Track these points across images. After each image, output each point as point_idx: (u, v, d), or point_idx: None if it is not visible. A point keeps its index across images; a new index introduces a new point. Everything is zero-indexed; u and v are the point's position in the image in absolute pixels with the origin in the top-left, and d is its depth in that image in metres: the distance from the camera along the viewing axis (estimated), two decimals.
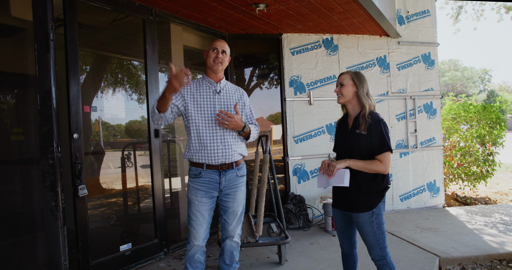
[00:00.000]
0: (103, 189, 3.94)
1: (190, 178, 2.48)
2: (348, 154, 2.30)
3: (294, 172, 5.05)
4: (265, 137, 3.79)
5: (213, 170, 2.44)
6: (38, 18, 2.29)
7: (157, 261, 3.61)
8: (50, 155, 2.32)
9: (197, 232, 2.44)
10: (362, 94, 2.29)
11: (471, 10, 39.59)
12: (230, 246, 2.60)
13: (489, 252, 3.65)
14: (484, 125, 6.23)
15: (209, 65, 2.49)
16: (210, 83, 2.52)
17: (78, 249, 2.95)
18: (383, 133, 2.18)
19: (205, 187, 2.44)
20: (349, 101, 2.35)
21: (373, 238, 2.25)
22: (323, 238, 4.19)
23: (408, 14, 5.48)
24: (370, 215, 2.23)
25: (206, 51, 2.53)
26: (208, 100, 2.46)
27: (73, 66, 2.93)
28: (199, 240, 2.46)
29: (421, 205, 5.48)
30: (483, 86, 41.07)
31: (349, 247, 2.50)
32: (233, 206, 2.54)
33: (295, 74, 5.06)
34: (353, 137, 2.28)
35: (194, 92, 2.45)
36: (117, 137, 4.15)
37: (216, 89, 2.51)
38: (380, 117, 2.25)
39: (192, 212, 2.44)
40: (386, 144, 2.17)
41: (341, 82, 2.35)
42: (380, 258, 2.29)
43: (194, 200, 2.43)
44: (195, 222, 2.44)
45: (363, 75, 2.38)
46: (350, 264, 2.54)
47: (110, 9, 3.37)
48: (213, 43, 2.50)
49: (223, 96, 2.52)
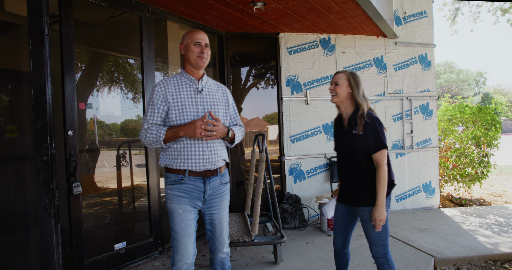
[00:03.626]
0: (98, 188, 3.91)
1: (169, 186, 2.16)
2: (351, 155, 2.31)
3: (290, 172, 5.04)
4: (261, 136, 3.77)
5: (197, 177, 2.17)
6: (33, 12, 2.26)
7: (152, 260, 3.58)
8: (44, 152, 2.29)
9: (185, 247, 2.12)
10: (358, 95, 2.29)
11: (468, 12, 39.89)
12: (221, 257, 2.33)
13: (484, 253, 3.66)
14: (479, 127, 6.26)
15: (191, 61, 2.20)
16: (190, 81, 2.23)
17: (72, 248, 2.92)
18: (378, 131, 2.21)
19: (188, 195, 2.15)
20: (342, 101, 2.35)
21: (376, 234, 2.26)
22: (319, 238, 4.18)
23: (405, 15, 5.49)
24: None
25: (183, 44, 2.23)
26: (190, 100, 2.17)
27: (69, 63, 2.90)
28: (188, 257, 2.14)
29: (416, 206, 5.49)
30: (478, 88, 41.34)
31: (342, 245, 2.51)
32: (219, 218, 2.28)
33: (292, 73, 5.05)
34: (351, 139, 2.29)
35: (173, 92, 2.16)
36: (112, 136, 4.12)
37: (198, 88, 2.23)
38: (374, 115, 2.27)
39: (176, 224, 2.12)
40: (381, 142, 2.20)
41: (336, 81, 2.35)
42: (381, 256, 2.29)
43: (177, 209, 2.12)
44: (181, 235, 2.11)
45: (359, 76, 2.38)
46: (343, 262, 2.56)
47: (106, 5, 3.34)
48: (193, 36, 2.21)
49: (205, 95, 2.23)
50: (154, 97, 2.15)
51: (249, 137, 5.45)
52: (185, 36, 2.25)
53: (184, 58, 2.25)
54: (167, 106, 2.14)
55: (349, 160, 2.34)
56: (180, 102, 2.15)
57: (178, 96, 2.16)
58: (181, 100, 2.16)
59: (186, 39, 2.23)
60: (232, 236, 3.29)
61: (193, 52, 2.20)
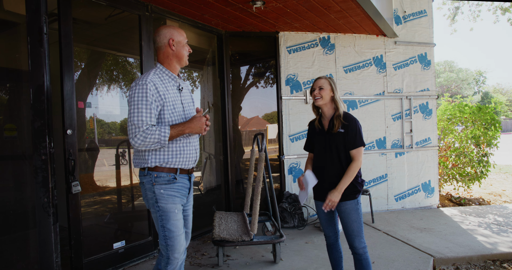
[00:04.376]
0: (97, 187, 3.91)
1: (161, 185, 2.10)
2: (330, 153, 2.49)
3: (290, 171, 5.04)
4: (261, 135, 3.77)
5: (184, 175, 2.18)
6: (31, 11, 2.25)
7: (150, 259, 3.58)
8: (42, 151, 2.29)
9: (182, 245, 2.14)
10: (338, 98, 2.52)
11: (468, 11, 39.84)
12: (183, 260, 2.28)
13: (483, 253, 3.66)
14: (479, 126, 6.26)
15: (183, 58, 2.19)
16: (173, 79, 2.19)
17: (71, 247, 2.91)
18: (358, 130, 2.45)
19: (179, 194, 2.17)
20: (326, 104, 2.55)
21: (358, 224, 2.45)
22: (318, 237, 4.19)
23: (405, 14, 5.49)
24: (356, 203, 2.46)
25: (174, 40, 2.15)
26: (176, 98, 2.16)
27: (67, 62, 2.89)
28: (183, 253, 2.18)
29: (415, 205, 5.49)
30: (478, 87, 41.37)
31: (335, 236, 2.65)
32: (191, 213, 2.33)
33: (292, 72, 5.05)
34: (331, 137, 2.49)
35: (164, 91, 2.10)
36: (111, 134, 4.11)
37: (179, 86, 2.23)
38: (354, 117, 2.51)
39: (172, 223, 2.10)
40: (360, 140, 2.44)
41: (320, 86, 2.54)
42: (364, 245, 2.48)
43: (174, 209, 2.11)
44: (177, 234, 2.12)
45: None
46: (337, 255, 2.68)
47: (105, 4, 3.33)
48: (184, 34, 2.21)
49: (184, 93, 2.25)
50: (147, 96, 2.00)
51: (249, 136, 5.45)
52: (172, 31, 2.17)
53: (171, 55, 2.17)
54: (161, 105, 2.07)
55: (328, 157, 2.50)
56: (172, 100, 2.12)
57: (168, 94, 2.12)
58: (172, 98, 2.13)
59: (177, 35, 2.17)
60: (231, 235, 3.29)
61: (186, 51, 2.20)
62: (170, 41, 2.14)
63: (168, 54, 2.17)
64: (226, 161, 4.78)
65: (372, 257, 3.53)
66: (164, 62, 2.18)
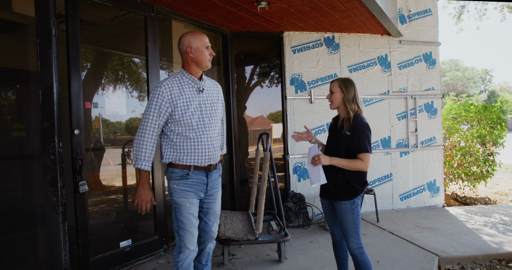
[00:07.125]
0: (103, 186, 3.95)
1: (175, 181, 2.30)
2: (336, 153, 2.51)
3: (294, 170, 5.06)
4: (265, 135, 3.79)
5: (200, 171, 2.33)
6: (40, 13, 2.28)
7: (157, 257, 3.62)
8: (51, 151, 2.32)
9: (193, 236, 2.31)
10: (347, 100, 2.51)
11: (474, 10, 39.65)
12: (209, 248, 2.54)
13: (489, 252, 3.66)
14: (484, 125, 6.23)
15: (203, 63, 2.31)
16: (192, 81, 2.33)
17: (79, 245, 2.95)
18: (365, 136, 2.42)
19: (193, 189, 2.32)
20: (339, 106, 2.57)
21: (353, 224, 2.46)
22: (323, 237, 4.20)
23: (410, 13, 5.47)
24: (351, 204, 2.46)
25: (192, 47, 2.27)
26: (193, 100, 2.30)
27: (75, 62, 2.93)
28: (194, 244, 2.33)
29: (420, 204, 5.48)
30: (484, 86, 41.00)
31: (340, 234, 2.67)
32: (215, 207, 2.48)
33: (296, 72, 5.06)
34: (340, 137, 2.52)
35: (178, 93, 2.26)
36: (117, 134, 4.15)
37: (200, 87, 2.35)
38: (364, 121, 2.47)
39: (184, 216, 2.29)
40: (366, 146, 2.41)
41: (331, 90, 2.58)
42: (358, 246, 2.47)
43: (185, 203, 2.29)
44: (189, 226, 2.29)
45: (351, 81, 2.57)
46: (342, 253, 2.70)
47: (111, 5, 3.36)
48: (203, 39, 2.30)
49: (206, 94, 2.38)
50: (159, 99, 2.22)
51: (254, 136, 5.46)
52: (191, 39, 2.29)
53: (191, 60, 2.31)
54: (171, 107, 2.25)
55: (335, 156, 2.51)
56: (185, 102, 2.27)
57: (183, 97, 2.27)
58: (186, 100, 2.27)
59: (195, 42, 2.28)
60: (237, 234, 3.31)
61: (206, 56, 2.31)
62: (188, 49, 2.28)
63: (188, 60, 2.32)
64: (231, 161, 4.81)
65: (377, 256, 3.54)
66: (185, 67, 2.35)
